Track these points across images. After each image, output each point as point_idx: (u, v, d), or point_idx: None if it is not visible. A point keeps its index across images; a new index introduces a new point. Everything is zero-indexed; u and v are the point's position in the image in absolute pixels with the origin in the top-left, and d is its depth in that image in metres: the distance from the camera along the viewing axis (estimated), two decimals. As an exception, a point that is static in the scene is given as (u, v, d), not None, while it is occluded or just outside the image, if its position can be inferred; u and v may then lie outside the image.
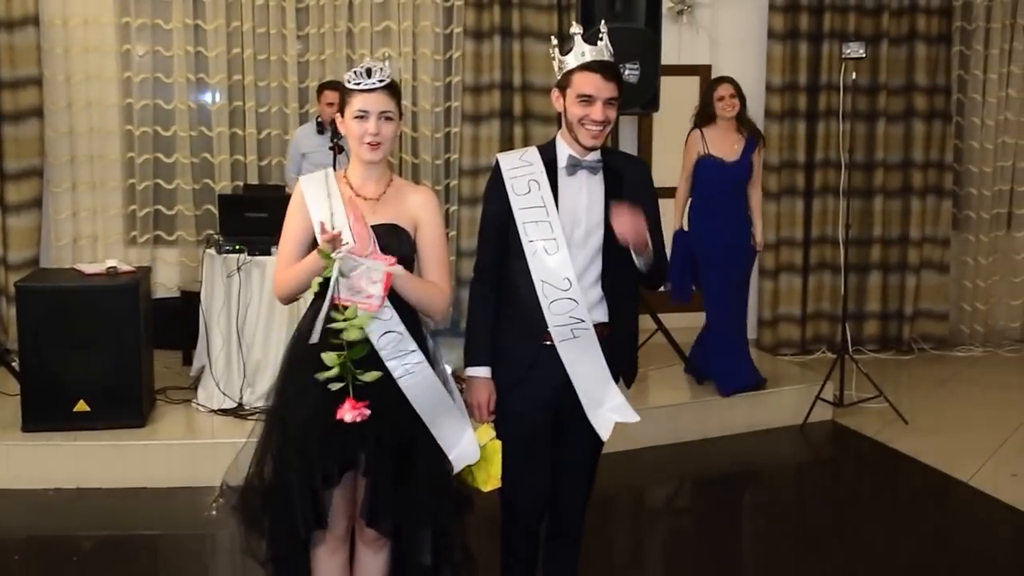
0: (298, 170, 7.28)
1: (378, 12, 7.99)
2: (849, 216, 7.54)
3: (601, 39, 3.50)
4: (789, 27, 8.40)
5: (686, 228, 6.86)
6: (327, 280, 3.17)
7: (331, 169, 3.56)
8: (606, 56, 3.48)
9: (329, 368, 3.16)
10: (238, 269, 6.18)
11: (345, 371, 3.16)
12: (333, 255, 3.15)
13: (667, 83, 7.31)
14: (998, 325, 9.13)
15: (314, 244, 3.32)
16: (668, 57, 7.61)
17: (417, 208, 3.43)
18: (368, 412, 3.15)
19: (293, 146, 7.52)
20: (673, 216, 6.84)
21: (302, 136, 7.45)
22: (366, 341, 3.22)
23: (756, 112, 8.39)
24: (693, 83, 8.50)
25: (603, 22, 3.69)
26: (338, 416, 3.14)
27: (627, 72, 6.53)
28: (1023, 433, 6.74)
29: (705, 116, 6.77)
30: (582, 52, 3.45)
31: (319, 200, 3.37)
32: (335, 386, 3.16)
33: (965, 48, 8.83)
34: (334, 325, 3.16)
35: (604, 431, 3.58)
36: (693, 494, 6.29)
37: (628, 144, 8.28)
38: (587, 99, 3.43)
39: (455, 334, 3.82)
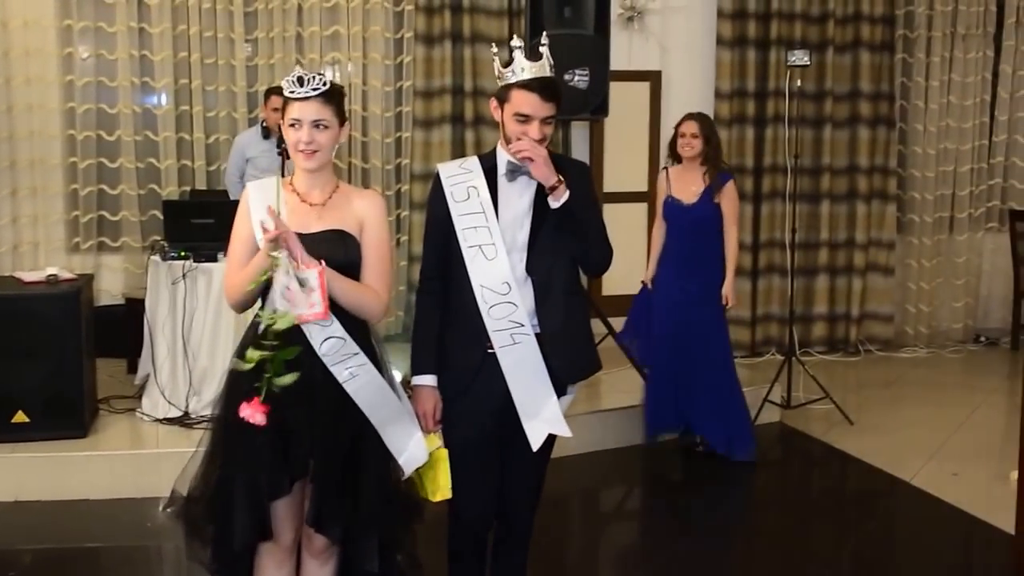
0: (240, 174, 7.16)
1: (327, 16, 7.87)
2: (796, 220, 7.51)
3: (542, 55, 3.42)
4: (737, 34, 8.39)
5: (650, 285, 6.29)
6: (269, 281, 3.13)
7: (279, 176, 3.47)
8: (547, 71, 3.40)
9: (248, 362, 3.08)
10: (183, 276, 6.04)
11: (264, 371, 3.06)
12: (277, 254, 3.08)
13: (617, 89, 7.26)
14: (941, 326, 9.20)
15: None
16: (618, 63, 7.57)
17: (362, 212, 3.36)
18: (263, 420, 3.05)
19: (235, 151, 7.36)
20: (648, 266, 6.38)
21: (246, 141, 7.31)
22: (297, 344, 3.12)
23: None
24: (643, 89, 8.49)
25: (544, 34, 3.59)
26: (240, 413, 3.07)
27: (576, 78, 6.47)
28: (964, 433, 6.77)
29: (672, 154, 6.21)
30: (522, 68, 3.37)
31: (261, 206, 3.27)
32: (282, 380, 3.07)
33: (908, 56, 8.89)
34: (266, 319, 3.10)
35: (535, 441, 3.50)
36: (644, 496, 6.25)
37: (579, 150, 8.24)
38: (524, 118, 3.37)
39: (408, 340, 3.73)
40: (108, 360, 6.72)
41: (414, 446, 3.41)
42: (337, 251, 3.24)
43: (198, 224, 6.24)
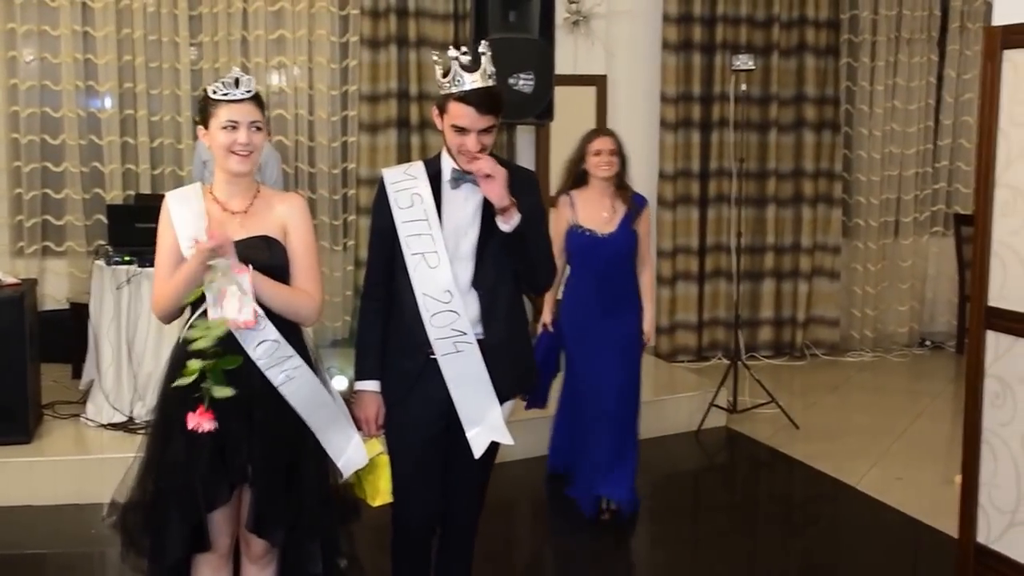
0: (200, 178, 7.14)
1: (273, 20, 7.87)
2: (742, 224, 7.62)
3: (481, 64, 3.44)
4: (683, 38, 8.48)
5: (550, 327, 5.52)
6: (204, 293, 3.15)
7: (199, 184, 3.48)
8: (486, 81, 3.42)
9: (186, 376, 3.10)
10: (128, 281, 6.04)
11: (203, 379, 3.10)
12: (215, 263, 3.11)
13: (562, 93, 7.34)
14: (887, 330, 9.33)
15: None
16: (564, 67, 7.65)
17: (285, 215, 3.39)
18: (211, 427, 3.09)
19: (196, 154, 7.37)
20: (546, 303, 5.56)
21: (204, 144, 7.29)
22: (239, 353, 3.17)
23: (651, 122, 8.50)
24: (589, 93, 8.54)
25: (483, 42, 3.61)
26: (188, 425, 3.09)
27: (521, 82, 6.54)
28: (909, 437, 6.87)
29: (576, 176, 5.36)
30: (460, 79, 3.39)
31: (183, 216, 3.31)
32: (201, 390, 3.10)
33: (853, 60, 9.02)
34: (190, 333, 3.13)
35: (478, 449, 3.55)
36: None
37: (525, 154, 8.28)
38: (461, 130, 3.40)
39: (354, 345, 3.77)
40: (52, 365, 6.70)
41: (352, 448, 3.45)
42: (262, 256, 3.27)
43: (143, 229, 6.15)
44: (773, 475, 6.50)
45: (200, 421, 3.09)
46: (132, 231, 6.26)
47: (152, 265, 5.88)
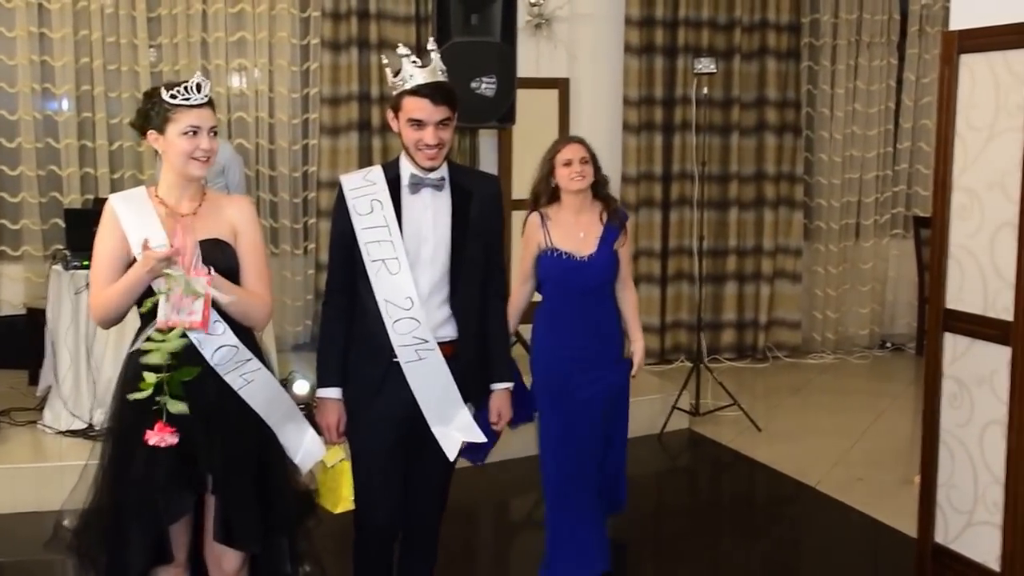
0: (217, 184, 7.13)
1: (233, 22, 7.86)
2: (704, 227, 7.68)
3: (432, 60, 3.49)
4: (645, 42, 8.52)
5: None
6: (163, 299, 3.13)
7: (143, 187, 3.45)
8: (438, 76, 3.47)
9: (143, 389, 3.08)
10: (87, 286, 5.94)
11: (159, 393, 3.09)
12: (172, 271, 3.10)
13: (525, 96, 7.36)
14: (848, 332, 9.41)
15: (132, 262, 3.25)
16: (526, 70, 7.67)
17: (234, 217, 3.39)
18: (174, 440, 3.09)
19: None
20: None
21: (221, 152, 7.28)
22: (197, 364, 3.17)
23: (614, 125, 8.53)
24: (552, 96, 8.58)
25: (432, 39, 3.68)
26: (148, 441, 3.08)
27: (483, 86, 6.55)
28: (869, 438, 6.94)
29: (546, 191, 4.65)
30: (411, 75, 3.44)
31: (132, 219, 3.29)
32: (176, 407, 3.09)
33: (814, 63, 9.10)
34: (143, 346, 3.12)
35: (451, 451, 3.59)
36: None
37: (488, 159, 8.30)
38: (418, 123, 3.44)
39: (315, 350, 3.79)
40: (8, 371, 6.69)
41: (309, 442, 3.47)
42: (216, 259, 3.26)
43: (101, 233, 6.21)
44: (735, 477, 6.56)
45: (162, 436, 3.08)
46: (90, 235, 6.04)
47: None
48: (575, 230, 4.58)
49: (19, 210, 7.61)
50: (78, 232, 6.34)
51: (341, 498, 3.53)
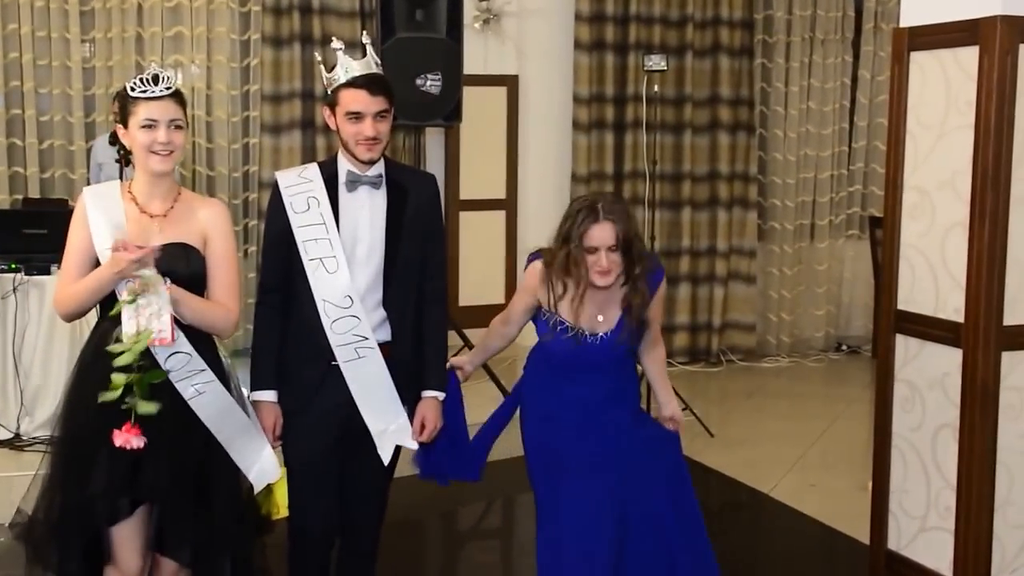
0: (97, 181, 7.05)
1: (169, 16, 7.79)
2: (656, 228, 7.70)
3: (366, 52, 3.53)
4: (595, 38, 8.54)
5: (461, 373, 3.96)
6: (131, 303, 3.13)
7: (118, 182, 3.47)
8: (373, 69, 3.51)
9: (113, 390, 3.09)
10: (14, 290, 5.96)
11: (129, 394, 3.10)
12: (144, 272, 3.10)
13: (473, 94, 7.37)
14: (803, 335, 9.47)
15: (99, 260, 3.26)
16: (474, 67, 7.67)
17: (206, 223, 3.38)
18: (140, 444, 3.08)
19: (91, 156, 7.28)
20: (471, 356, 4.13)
21: (99, 146, 7.20)
22: (164, 371, 3.19)
23: (563, 123, 8.55)
24: (500, 94, 8.60)
25: (365, 32, 3.75)
26: (115, 442, 3.09)
27: (428, 83, 6.55)
28: (823, 444, 7.00)
29: (561, 265, 3.72)
30: (346, 68, 3.47)
31: (98, 216, 3.28)
32: (125, 405, 3.09)
33: (767, 61, 9.16)
34: (113, 348, 3.11)
35: (386, 454, 3.60)
36: (503, 515, 6.30)
37: (435, 157, 8.30)
38: (356, 116, 3.46)
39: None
40: (-69, 380, 6.56)
41: (265, 460, 3.46)
42: (180, 265, 3.26)
43: (30, 234, 6.14)
44: (688, 484, 6.58)
45: (128, 437, 3.09)
46: (18, 237, 6.18)
47: (39, 273, 5.89)
48: (591, 310, 3.77)
49: (-55, 210, 7.50)
50: (7, 234, 6.24)
51: (275, 505, 3.52)
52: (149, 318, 3.11)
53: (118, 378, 3.09)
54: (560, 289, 3.76)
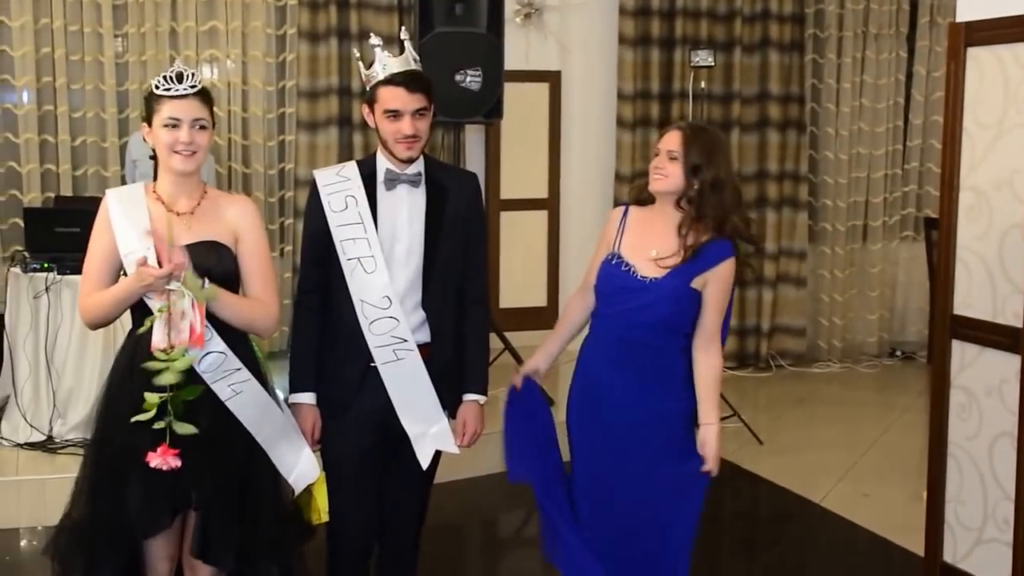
0: (132, 179, 7.13)
1: (204, 10, 7.84)
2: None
3: (404, 49, 3.55)
4: (640, 33, 8.54)
5: (518, 384, 3.87)
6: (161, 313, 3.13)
7: (142, 183, 3.49)
8: (411, 65, 3.53)
9: (147, 411, 3.09)
10: (47, 289, 6.02)
11: (164, 414, 3.10)
12: (175, 287, 3.10)
13: (514, 90, 7.39)
14: (856, 340, 9.43)
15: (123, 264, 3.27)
16: (515, 63, 7.69)
17: (235, 219, 3.40)
18: (176, 464, 3.09)
19: (127, 152, 7.37)
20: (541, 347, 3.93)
21: (133, 142, 7.29)
22: (199, 384, 3.18)
23: (607, 121, 8.56)
24: (542, 90, 8.61)
25: (403, 28, 3.75)
26: (150, 463, 3.08)
27: (468, 79, 6.58)
28: (876, 452, 6.97)
29: (642, 185, 3.78)
30: (384, 65, 3.50)
31: (121, 219, 3.30)
32: (158, 425, 3.09)
33: (818, 56, 9.12)
34: (151, 365, 3.10)
35: (424, 458, 3.62)
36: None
37: (475, 155, 8.32)
38: (394, 114, 3.48)
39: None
40: (-37, 381, 6.64)
41: (304, 462, 3.48)
42: (211, 263, 3.26)
43: (63, 233, 6.19)
44: (735, 492, 6.52)
45: (164, 459, 3.08)
46: (51, 236, 6.24)
47: (72, 272, 5.95)
48: (650, 243, 3.65)
49: (-25, 209, 7.61)
50: (39, 232, 6.32)
51: (315, 509, 3.54)
52: (180, 322, 3.12)
53: (151, 398, 3.08)
54: (630, 222, 3.70)
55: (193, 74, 3.32)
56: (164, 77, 3.29)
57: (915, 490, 5.90)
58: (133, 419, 3.10)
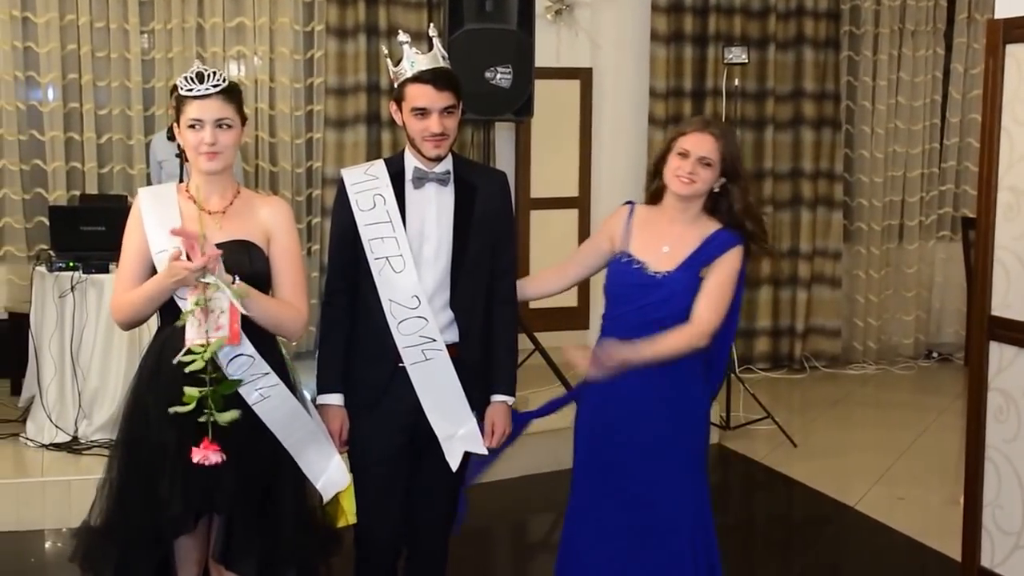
0: (159, 179, 7.17)
1: (231, 7, 7.88)
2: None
3: (433, 46, 3.56)
4: (673, 29, 8.54)
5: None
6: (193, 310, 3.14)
7: (175, 183, 3.52)
8: (440, 63, 3.53)
9: (186, 404, 3.11)
10: (72, 288, 6.06)
11: (205, 407, 3.12)
12: (210, 279, 3.12)
13: (545, 87, 7.38)
14: (891, 341, 9.41)
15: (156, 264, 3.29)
16: (546, 59, 7.71)
17: (268, 220, 3.41)
18: (218, 459, 3.11)
19: (151, 153, 7.41)
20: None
21: (157, 143, 7.32)
22: (238, 380, 3.20)
23: (639, 118, 8.56)
24: (573, 87, 8.61)
25: (432, 25, 3.75)
26: (193, 458, 3.11)
27: (498, 76, 6.58)
28: (912, 455, 6.94)
29: (650, 182, 3.87)
30: (412, 62, 3.50)
31: (153, 219, 3.32)
32: (203, 417, 3.12)
33: (854, 53, 9.10)
34: (184, 358, 3.12)
35: (454, 460, 3.63)
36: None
37: (505, 153, 8.32)
38: (422, 112, 3.49)
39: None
40: (-12, 380, 6.71)
41: (334, 469, 3.48)
42: (242, 263, 3.27)
43: (88, 232, 6.24)
44: (769, 495, 6.57)
45: (207, 454, 3.11)
46: (77, 234, 6.27)
47: (97, 271, 5.98)
48: (660, 240, 3.72)
49: (1, 207, 7.63)
50: (64, 231, 6.36)
51: (342, 511, 3.55)
52: (215, 320, 3.13)
53: (191, 392, 3.10)
54: (638, 220, 3.78)
55: (215, 73, 3.33)
56: (186, 78, 3.30)
57: (952, 494, 5.89)
58: (171, 409, 3.13)
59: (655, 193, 3.80)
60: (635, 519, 3.75)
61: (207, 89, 3.29)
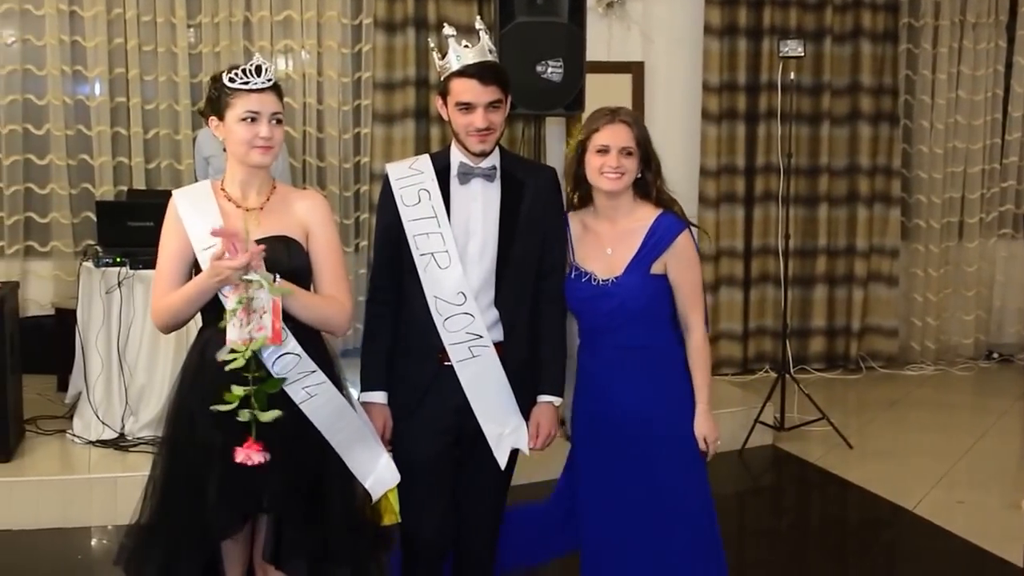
0: (204, 176, 7.18)
1: (278, 1, 7.90)
2: (791, 225, 7.62)
3: (479, 39, 3.53)
4: (727, 22, 8.48)
5: None
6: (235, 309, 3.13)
7: (207, 182, 3.49)
8: (486, 56, 3.50)
9: (228, 402, 3.11)
10: (119, 284, 6.08)
11: (248, 407, 3.11)
12: (252, 276, 3.10)
13: (596, 81, 7.35)
14: (950, 341, 9.32)
15: (198, 264, 3.28)
16: (596, 53, 7.67)
17: (306, 214, 3.39)
18: (261, 459, 3.11)
19: (196, 149, 7.42)
20: None
21: (204, 138, 7.32)
22: (282, 378, 3.19)
23: (692, 113, 8.50)
24: (625, 81, 8.55)
25: (479, 18, 3.74)
26: (236, 458, 3.11)
27: (549, 70, 6.56)
28: (972, 458, 6.85)
29: (575, 186, 3.77)
30: (458, 56, 3.48)
31: (193, 217, 3.31)
32: (244, 415, 3.11)
33: (913, 46, 9.01)
34: (226, 356, 3.11)
35: (502, 458, 3.61)
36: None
37: (555, 149, 8.26)
38: (467, 106, 3.47)
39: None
40: (36, 376, 6.70)
41: (382, 468, 3.47)
42: (280, 258, 3.26)
43: (135, 227, 6.24)
44: (824, 498, 6.52)
45: (249, 454, 3.11)
46: (124, 230, 6.29)
47: (144, 267, 6.00)
48: (602, 244, 3.71)
49: (48, 202, 7.70)
50: (111, 226, 6.38)
51: (386, 510, 3.53)
52: (257, 319, 3.12)
53: (236, 390, 3.09)
54: (576, 230, 3.75)
55: (269, 67, 3.33)
56: (242, 70, 3.28)
57: (1012, 498, 5.83)
58: (212, 407, 3.12)
59: (582, 199, 3.78)
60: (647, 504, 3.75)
61: (264, 83, 3.29)
